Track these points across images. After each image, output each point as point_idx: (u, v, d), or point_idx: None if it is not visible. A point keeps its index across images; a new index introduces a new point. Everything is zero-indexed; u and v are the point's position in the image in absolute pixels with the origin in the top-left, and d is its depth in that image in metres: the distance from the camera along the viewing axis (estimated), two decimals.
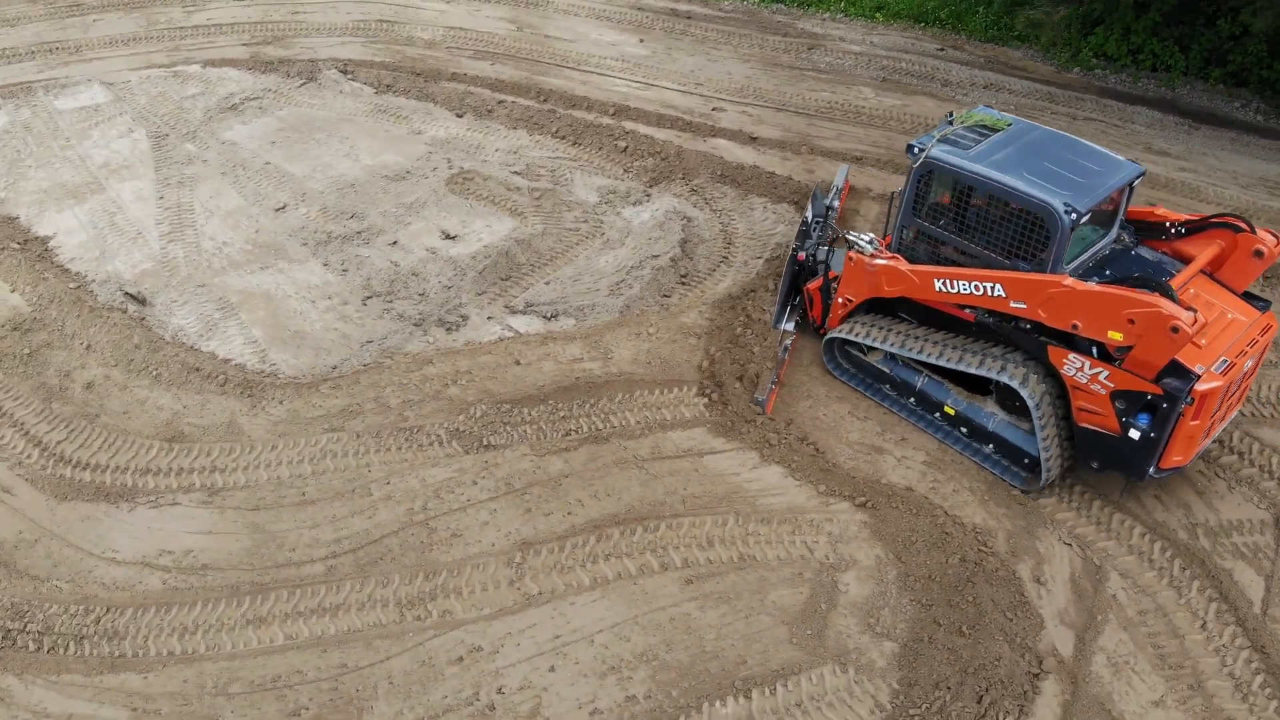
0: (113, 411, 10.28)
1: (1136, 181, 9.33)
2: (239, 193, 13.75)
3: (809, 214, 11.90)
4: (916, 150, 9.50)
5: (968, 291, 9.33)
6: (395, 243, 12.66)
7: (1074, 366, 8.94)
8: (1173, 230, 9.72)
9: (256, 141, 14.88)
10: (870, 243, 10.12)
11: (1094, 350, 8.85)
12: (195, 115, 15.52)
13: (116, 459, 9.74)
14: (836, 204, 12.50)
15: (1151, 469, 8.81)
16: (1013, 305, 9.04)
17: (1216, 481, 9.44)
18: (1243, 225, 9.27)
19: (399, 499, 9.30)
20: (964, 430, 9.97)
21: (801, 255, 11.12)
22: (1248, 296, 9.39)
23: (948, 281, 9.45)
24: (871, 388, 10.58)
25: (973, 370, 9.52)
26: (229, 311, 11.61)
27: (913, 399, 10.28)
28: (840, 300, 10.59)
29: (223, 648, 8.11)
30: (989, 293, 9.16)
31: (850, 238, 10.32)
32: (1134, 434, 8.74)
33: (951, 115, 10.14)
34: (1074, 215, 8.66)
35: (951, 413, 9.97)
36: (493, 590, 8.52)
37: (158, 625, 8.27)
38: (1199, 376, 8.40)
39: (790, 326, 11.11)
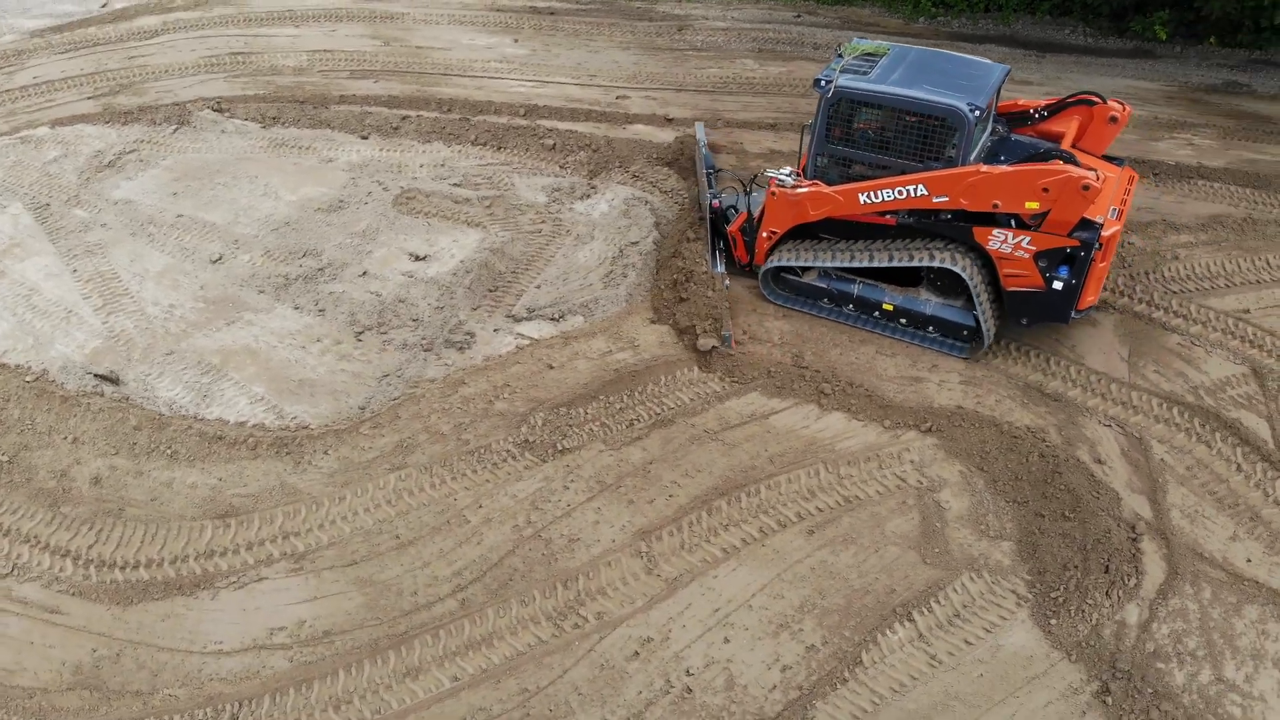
0: (138, 501, 9.30)
1: (1005, 79, 10.69)
2: (161, 251, 12.59)
3: (705, 168, 12.62)
4: (825, 83, 10.40)
5: (892, 198, 10.33)
6: (365, 273, 12.04)
7: (998, 240, 10.14)
8: (1036, 115, 11.25)
9: (154, 195, 13.63)
10: (790, 175, 10.95)
11: (1012, 223, 10.04)
12: (69, 179, 14.00)
13: (170, 549, 8.84)
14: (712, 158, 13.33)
15: (1073, 312, 10.27)
16: (935, 200, 10.14)
17: (1195, 350, 10.76)
18: (1095, 99, 10.81)
19: (499, 519, 9.02)
20: (903, 321, 11.00)
21: (717, 203, 11.93)
22: (1106, 158, 10.90)
23: (871, 193, 10.40)
24: (811, 304, 11.45)
25: (910, 265, 10.58)
26: (216, 374, 10.69)
27: (851, 305, 11.20)
28: (765, 234, 11.36)
29: (390, 708, 7.65)
30: (912, 194, 10.20)
31: (770, 174, 11.10)
32: (1057, 285, 10.10)
33: (840, 49, 11.10)
34: (977, 112, 9.84)
35: (890, 308, 11.00)
36: (634, 582, 8.49)
37: (306, 705, 7.67)
38: (1102, 224, 9.89)
39: (721, 269, 11.74)
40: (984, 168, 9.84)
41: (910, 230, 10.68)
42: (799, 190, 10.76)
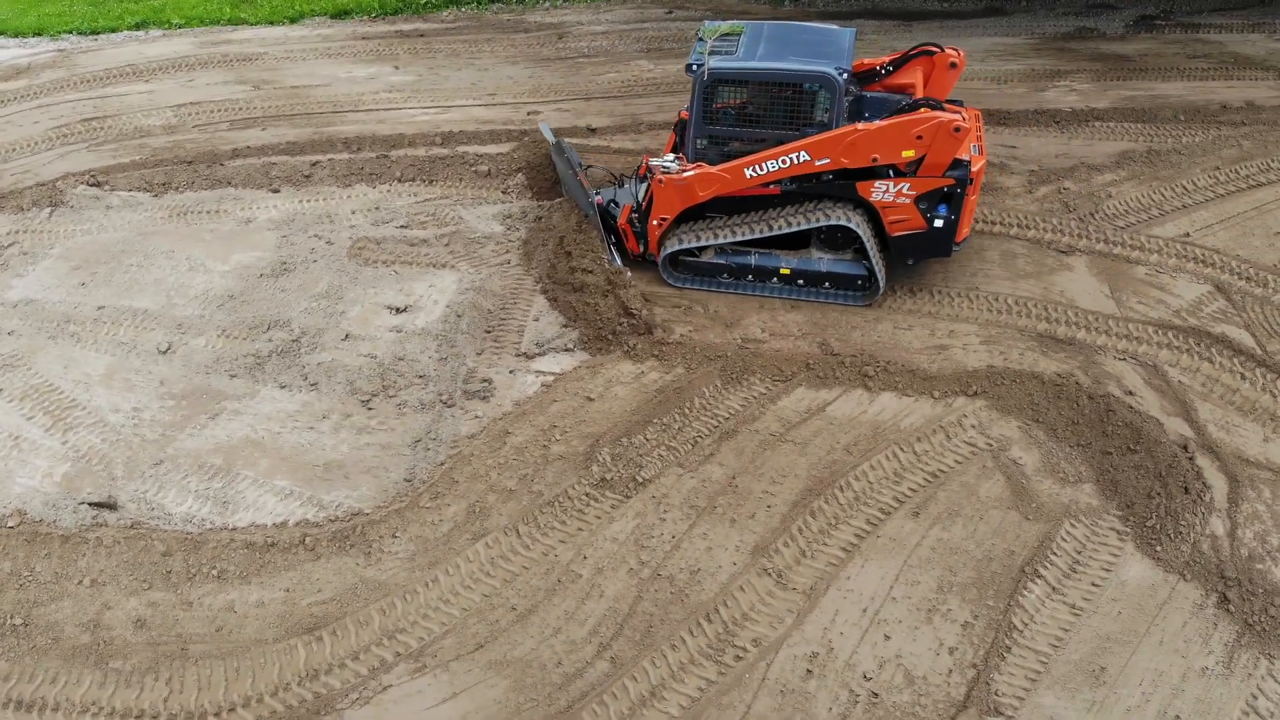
0: (201, 636, 8.10)
1: (855, 41, 11.43)
2: (96, 351, 11.02)
3: (574, 167, 12.52)
4: (697, 68, 10.71)
5: (776, 168, 10.79)
6: (348, 336, 11.01)
7: (880, 191, 10.84)
8: (883, 71, 11.98)
9: (58, 290, 11.91)
10: (674, 162, 11.20)
11: (890, 173, 10.75)
12: None
13: (265, 680, 7.76)
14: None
15: (954, 246, 11.17)
16: (818, 164, 10.67)
17: (1162, 277, 11.64)
18: (934, 48, 11.66)
19: (610, 566, 8.51)
20: (800, 283, 11.49)
21: (600, 199, 12.03)
22: (950, 101, 11.63)
23: (756, 166, 10.82)
24: (711, 281, 11.75)
25: (807, 227, 11.10)
26: (226, 475, 9.48)
27: (750, 275, 11.62)
28: (655, 222, 11.55)
29: None
30: (795, 162, 10.70)
31: (654, 163, 11.33)
32: (938, 223, 10.94)
33: (701, 34, 11.41)
34: (845, 75, 10.50)
35: (787, 272, 11.48)
36: (774, 601, 8.25)
37: None
38: (970, 161, 10.75)
39: (619, 263, 11.79)
40: (860, 126, 10.41)
41: (795, 196, 11.18)
42: (686, 174, 10.96)
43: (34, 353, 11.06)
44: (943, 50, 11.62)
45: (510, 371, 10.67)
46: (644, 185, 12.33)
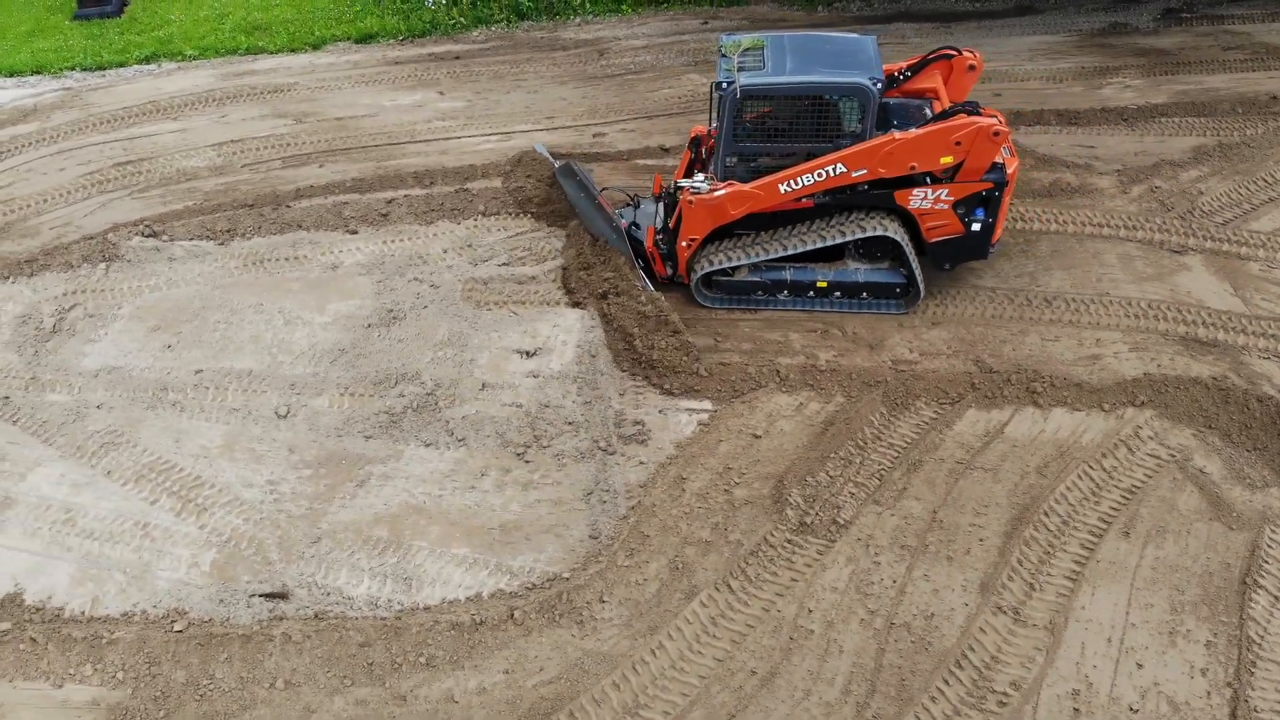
0: None
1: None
2: (206, 420, 10.11)
3: (591, 190, 12.02)
4: (726, 85, 10.25)
5: (811, 182, 10.44)
6: (485, 385, 10.30)
7: (919, 199, 10.61)
8: (901, 76, 11.76)
9: (142, 355, 10.91)
10: (704, 181, 10.81)
11: (927, 179, 10.52)
12: (6, 359, 10.92)
13: None
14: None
15: (990, 247, 11.04)
16: (854, 175, 10.36)
17: (1275, 272, 11.58)
18: (953, 51, 11.48)
19: (840, 618, 8.04)
20: (838, 294, 11.24)
21: (625, 223, 11.63)
22: (967, 103, 11.39)
23: (791, 181, 10.46)
24: (745, 300, 11.38)
25: (847, 239, 10.77)
26: (398, 548, 8.74)
27: (785, 291, 11.27)
28: (684, 244, 11.18)
29: None
30: (831, 174, 10.37)
31: (683, 183, 10.92)
32: (976, 227, 10.80)
33: (722, 49, 10.96)
34: (879, 84, 10.17)
35: (824, 285, 11.19)
36: (1018, 640, 7.88)
37: None
38: (1004, 163, 10.57)
39: (650, 287, 11.37)
40: (897, 135, 10.15)
41: (828, 208, 10.87)
42: (717, 193, 10.60)
43: (134, 427, 10.08)
44: (960, 53, 11.43)
45: (660, 411, 10.11)
46: (661, 205, 12.06)
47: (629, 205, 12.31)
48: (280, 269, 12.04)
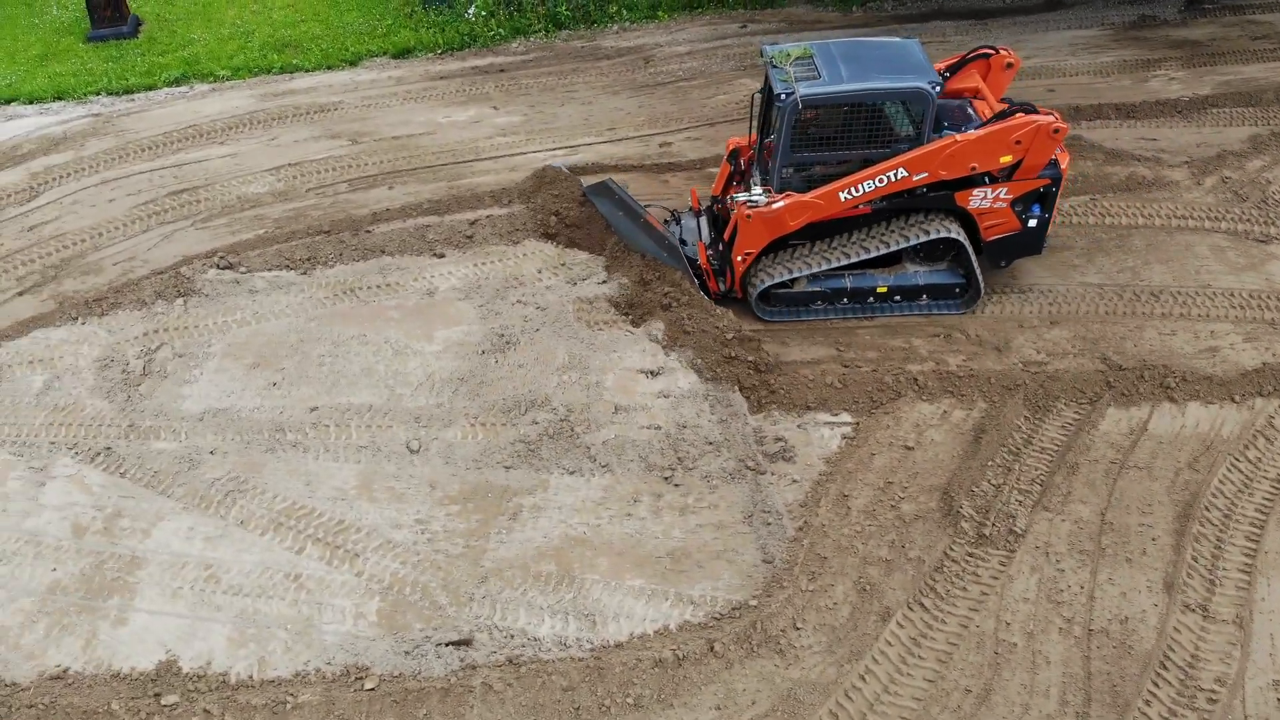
0: None
1: None
2: (334, 460, 9.62)
3: (634, 208, 11.66)
4: (785, 97, 10.04)
5: (873, 188, 10.35)
6: (617, 409, 9.96)
7: (978, 199, 10.60)
8: (941, 77, 11.38)
9: (246, 395, 10.34)
10: (762, 194, 10.61)
11: (986, 179, 10.52)
12: (98, 407, 10.28)
13: None
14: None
15: (1044, 243, 11.12)
16: (915, 179, 10.31)
17: None
18: (990, 50, 11.48)
19: (1038, 630, 7.91)
20: (897, 298, 11.12)
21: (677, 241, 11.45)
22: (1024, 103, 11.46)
23: (852, 189, 10.36)
24: (806, 311, 11.21)
25: (909, 244, 10.67)
26: (569, 583, 8.40)
27: (845, 299, 11.13)
28: (739, 258, 10.97)
29: None
30: (893, 179, 10.29)
31: (739, 197, 10.72)
32: (1032, 223, 10.84)
33: (772, 60, 10.72)
34: (938, 88, 10.12)
35: (884, 290, 11.07)
36: (1209, 635, 7.85)
37: None
38: (1058, 159, 10.61)
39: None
40: (958, 137, 10.15)
41: (885, 212, 10.77)
42: (775, 205, 10.42)
43: (256, 472, 9.55)
44: (998, 51, 11.42)
45: (799, 426, 9.90)
46: (703, 220, 11.88)
47: (668, 221, 12.03)
48: (374, 297, 11.53)
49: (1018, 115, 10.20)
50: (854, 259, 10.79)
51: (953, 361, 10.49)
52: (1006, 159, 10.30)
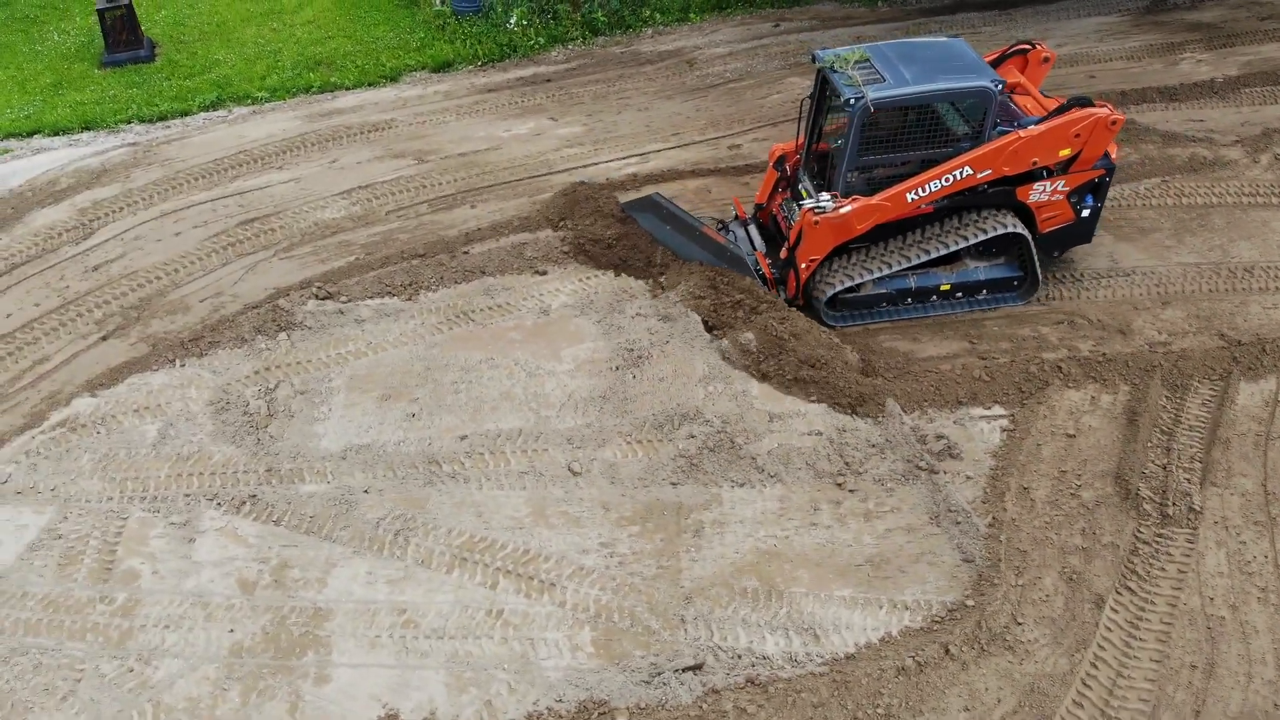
0: None
1: None
2: (499, 488, 9.31)
3: (686, 221, 11.62)
4: (855, 101, 10.00)
5: (939, 187, 10.45)
6: (771, 416, 9.86)
7: (1038, 192, 10.80)
8: None
9: (386, 428, 9.95)
10: (830, 199, 10.56)
11: (1045, 172, 10.70)
12: (226, 453, 9.75)
13: None
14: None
15: (1095, 231, 11.38)
16: (980, 176, 10.46)
17: None
18: (1028, 45, 11.76)
19: (1239, 600, 8.08)
20: (959, 295, 11.30)
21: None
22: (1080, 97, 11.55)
23: (919, 189, 10.44)
24: (872, 314, 11.28)
25: (977, 240, 10.78)
26: (778, 598, 8.27)
27: (909, 299, 11.26)
28: (804, 265, 10.94)
29: None
30: (958, 178, 10.43)
31: (808, 204, 10.66)
32: (1085, 213, 11.07)
33: (832, 64, 10.69)
34: (1000, 85, 10.21)
35: (947, 288, 11.23)
36: None
37: None
38: (1108, 148, 10.85)
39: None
40: (1021, 133, 10.29)
41: (946, 210, 10.81)
42: (843, 210, 10.42)
43: (419, 507, 9.19)
44: (1035, 47, 11.66)
45: (955, 422, 9.94)
46: (752, 228, 11.81)
47: (721, 230, 11.85)
48: (490, 319, 11.18)
49: (1074, 109, 10.35)
50: (922, 259, 10.83)
51: (1084, 347, 10.66)
52: (1065, 152, 10.47)
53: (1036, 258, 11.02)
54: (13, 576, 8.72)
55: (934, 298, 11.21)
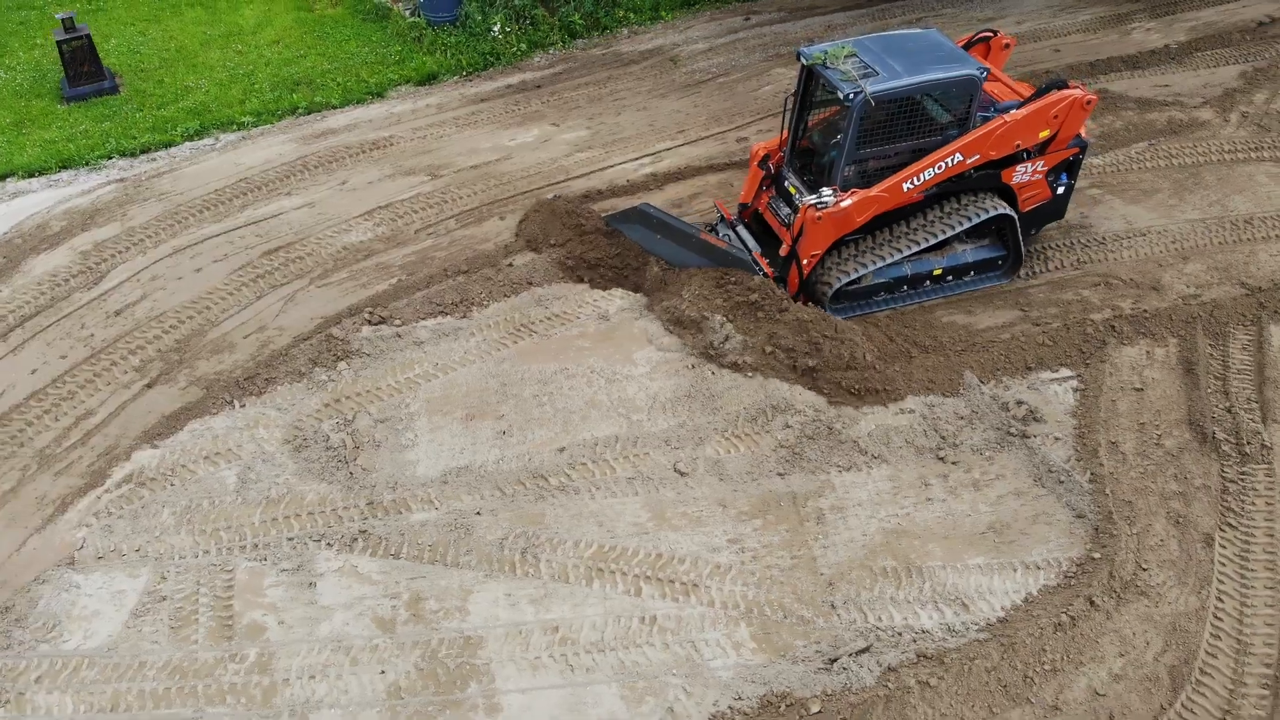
0: None
1: None
2: (611, 496, 9.25)
3: (684, 227, 11.54)
4: (854, 95, 10.05)
5: (932, 175, 10.69)
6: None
7: (1020, 173, 11.16)
8: None
9: (479, 449, 9.75)
10: (831, 194, 10.70)
11: (1026, 154, 11.04)
12: (318, 491, 9.41)
13: None
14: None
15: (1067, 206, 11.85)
16: (969, 161, 10.74)
17: None
18: (990, 33, 12.21)
19: None
20: (949, 278, 11.58)
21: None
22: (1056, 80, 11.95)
23: (914, 178, 10.63)
24: (870, 304, 11.45)
25: (972, 224, 11.03)
26: (917, 573, 8.50)
27: (905, 286, 11.49)
28: (805, 261, 10.90)
29: None
30: (950, 165, 10.70)
31: (809, 200, 10.79)
32: (1060, 190, 11.53)
33: (823, 61, 10.75)
34: (985, 72, 10.50)
35: (939, 273, 11.46)
36: None
37: None
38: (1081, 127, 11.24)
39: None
40: (1006, 117, 10.61)
41: (936, 197, 11.07)
42: (843, 204, 10.59)
43: (537, 523, 9.04)
44: (996, 34, 12.09)
45: (1029, 387, 10.35)
46: (741, 230, 11.76)
47: (714, 233, 11.82)
48: (552, 329, 11.03)
49: (1051, 92, 10.69)
50: (921, 245, 10.98)
51: (1125, 305, 11.23)
52: (1045, 133, 10.83)
53: (1021, 236, 11.34)
54: (123, 647, 8.19)
55: (927, 283, 11.44)
